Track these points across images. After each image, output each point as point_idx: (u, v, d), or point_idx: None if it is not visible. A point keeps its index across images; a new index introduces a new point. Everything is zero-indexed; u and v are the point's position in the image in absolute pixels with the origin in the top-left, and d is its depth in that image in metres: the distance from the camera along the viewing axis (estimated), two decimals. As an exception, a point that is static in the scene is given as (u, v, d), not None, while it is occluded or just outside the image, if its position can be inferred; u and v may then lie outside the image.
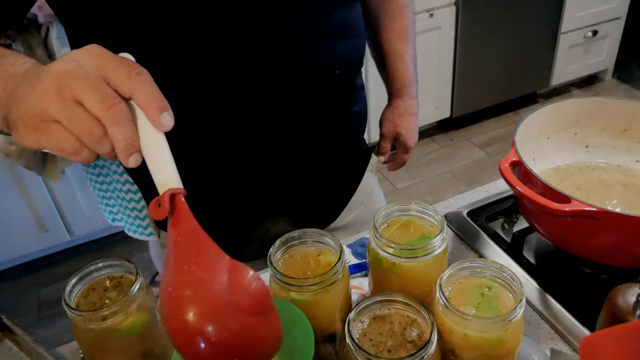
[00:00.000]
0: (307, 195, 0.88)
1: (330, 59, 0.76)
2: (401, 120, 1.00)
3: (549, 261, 0.81)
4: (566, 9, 2.75)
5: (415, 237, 0.65)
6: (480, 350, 0.55)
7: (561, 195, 0.66)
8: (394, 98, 1.01)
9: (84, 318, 0.58)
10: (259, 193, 0.83)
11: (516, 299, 0.56)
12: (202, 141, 0.77)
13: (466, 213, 0.90)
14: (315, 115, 0.80)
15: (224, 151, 0.78)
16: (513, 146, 0.75)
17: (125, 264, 0.64)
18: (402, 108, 1.00)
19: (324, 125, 0.82)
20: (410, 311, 0.56)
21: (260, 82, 0.72)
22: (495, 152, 2.77)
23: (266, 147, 0.79)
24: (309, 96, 0.77)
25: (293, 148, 0.81)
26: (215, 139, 0.77)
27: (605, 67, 3.17)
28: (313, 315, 0.57)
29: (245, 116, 0.75)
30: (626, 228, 0.65)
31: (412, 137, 1.02)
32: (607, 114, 0.86)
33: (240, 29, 0.68)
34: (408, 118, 1.00)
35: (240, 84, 0.71)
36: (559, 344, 0.70)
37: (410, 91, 0.99)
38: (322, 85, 0.78)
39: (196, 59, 0.69)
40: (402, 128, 1.00)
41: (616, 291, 0.61)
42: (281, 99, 0.75)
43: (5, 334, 0.70)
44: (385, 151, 1.03)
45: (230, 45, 0.68)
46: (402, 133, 1.01)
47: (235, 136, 0.76)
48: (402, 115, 1.00)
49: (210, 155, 0.79)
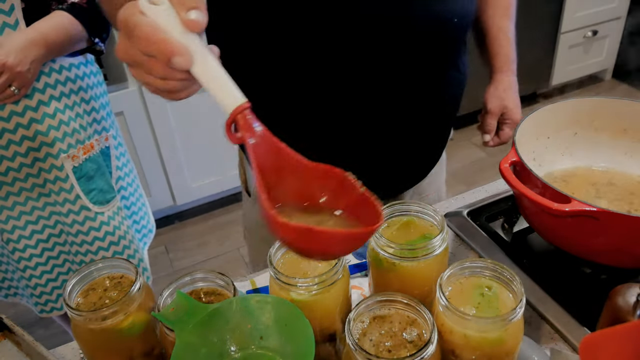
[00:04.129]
0: (399, 154, 0.89)
1: (450, 7, 0.77)
2: (507, 95, 1.00)
3: (549, 261, 0.81)
4: (566, 9, 2.75)
5: (415, 237, 0.65)
6: (480, 350, 0.55)
7: (561, 195, 0.66)
8: (497, 74, 1.01)
9: (84, 318, 0.58)
10: (352, 144, 0.85)
11: (516, 299, 0.56)
12: (315, 93, 0.79)
13: (466, 213, 0.90)
14: (424, 72, 0.81)
15: (325, 100, 0.80)
16: (513, 146, 0.75)
17: (125, 264, 0.64)
18: (507, 83, 1.00)
19: (430, 85, 0.83)
20: (410, 311, 0.56)
21: (375, 34, 0.74)
22: (495, 152, 2.76)
23: (368, 103, 0.80)
24: (426, 46, 0.78)
25: (396, 105, 0.82)
26: (319, 89, 0.79)
27: (605, 67, 3.17)
28: (313, 315, 0.57)
29: (353, 72, 0.76)
30: (626, 228, 0.65)
31: (518, 112, 1.01)
32: (607, 114, 0.86)
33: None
34: (512, 93, 1.01)
35: (354, 37, 0.73)
36: (559, 344, 0.70)
37: (513, 67, 1.01)
38: (438, 37, 0.78)
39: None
40: (510, 102, 0.99)
41: (616, 291, 0.61)
42: (395, 52, 0.76)
43: (5, 334, 0.70)
44: (491, 128, 1.01)
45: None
46: (509, 107, 0.99)
47: (342, 89, 0.78)
48: (507, 89, 1.00)
49: (315, 107, 0.80)
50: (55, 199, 1.19)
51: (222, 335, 0.58)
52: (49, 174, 1.17)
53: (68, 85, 1.16)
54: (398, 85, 0.80)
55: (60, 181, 1.18)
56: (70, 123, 1.16)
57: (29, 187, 1.17)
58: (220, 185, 2.37)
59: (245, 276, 0.85)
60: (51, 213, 1.21)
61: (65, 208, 1.20)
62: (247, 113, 0.49)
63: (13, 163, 1.13)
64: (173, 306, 0.58)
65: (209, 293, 0.63)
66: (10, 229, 1.20)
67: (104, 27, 1.18)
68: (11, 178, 1.15)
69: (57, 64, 1.13)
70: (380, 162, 0.88)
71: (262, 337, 0.59)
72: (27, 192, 1.18)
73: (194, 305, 0.58)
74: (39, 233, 1.22)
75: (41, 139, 1.13)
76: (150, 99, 2.05)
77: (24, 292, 1.35)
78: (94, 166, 1.22)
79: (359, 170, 0.84)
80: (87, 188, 1.21)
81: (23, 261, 1.24)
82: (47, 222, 1.22)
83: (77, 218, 1.22)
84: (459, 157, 2.74)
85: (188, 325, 0.56)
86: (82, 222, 1.22)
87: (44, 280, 1.28)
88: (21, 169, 1.15)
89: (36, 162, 1.15)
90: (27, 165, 1.15)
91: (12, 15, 1.04)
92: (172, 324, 0.56)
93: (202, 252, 2.27)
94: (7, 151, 1.12)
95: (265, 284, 0.80)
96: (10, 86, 1.04)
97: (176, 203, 2.32)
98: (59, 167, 1.17)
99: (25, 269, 1.25)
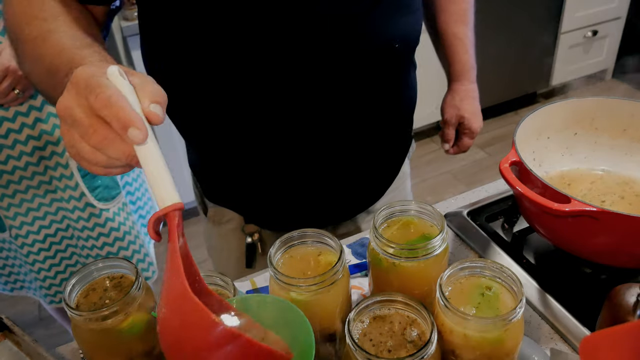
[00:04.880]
0: (353, 176, 0.87)
1: (390, 32, 0.75)
2: (463, 104, 0.99)
3: (549, 261, 0.81)
4: (566, 9, 2.75)
5: (415, 237, 0.65)
6: (480, 350, 0.55)
7: (561, 195, 0.66)
8: (454, 82, 0.99)
9: (84, 318, 0.58)
10: (303, 169, 0.83)
11: (516, 299, 0.56)
12: (253, 112, 0.76)
13: (466, 213, 0.90)
14: (371, 91, 0.79)
15: (273, 125, 0.77)
16: (513, 146, 0.75)
17: (125, 264, 0.64)
18: (463, 92, 0.99)
19: (379, 103, 0.81)
20: (410, 311, 0.56)
21: (318, 55, 0.71)
22: (495, 152, 2.77)
23: (317, 124, 0.78)
24: (366, 70, 0.76)
25: (345, 125, 0.79)
26: (266, 112, 0.76)
27: (605, 67, 3.17)
28: (313, 315, 0.57)
29: (300, 93, 0.74)
30: (626, 228, 0.65)
31: (476, 120, 1.00)
32: (607, 114, 0.86)
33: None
34: (470, 101, 0.99)
35: (299, 58, 0.71)
36: (559, 344, 0.70)
37: (471, 75, 0.99)
38: (380, 59, 0.76)
39: (249, 21, 0.69)
40: (466, 112, 0.99)
41: (616, 291, 0.61)
42: (339, 73, 0.74)
43: (5, 334, 0.70)
44: (449, 138, 1.01)
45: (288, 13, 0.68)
46: (466, 117, 0.99)
47: (289, 111, 0.76)
48: (463, 99, 0.99)
49: (259, 128, 0.78)
50: (62, 195, 1.22)
51: (222, 335, 0.58)
52: (55, 172, 1.19)
53: None
54: (347, 103, 0.77)
55: (65, 179, 1.20)
56: None
57: (35, 185, 1.19)
58: (220, 185, 2.37)
59: (245, 276, 0.85)
60: (58, 209, 1.23)
61: (71, 205, 1.23)
62: (180, 214, 0.48)
63: (19, 162, 1.15)
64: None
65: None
66: (19, 225, 1.22)
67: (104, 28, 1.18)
68: (18, 176, 1.17)
69: None
70: (335, 183, 0.85)
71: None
72: (34, 190, 1.20)
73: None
74: (46, 228, 1.25)
75: (46, 138, 1.15)
76: (150, 99, 2.04)
77: (30, 285, 1.38)
78: None
79: (312, 192, 0.84)
80: (91, 185, 1.23)
81: (32, 255, 1.27)
82: (54, 217, 1.24)
83: (82, 215, 1.24)
84: (459, 157, 2.74)
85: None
86: (87, 218, 1.25)
87: (53, 272, 1.31)
88: (27, 167, 1.16)
89: (42, 161, 1.17)
90: (34, 164, 1.16)
91: None
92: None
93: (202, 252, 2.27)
94: (13, 150, 1.14)
95: (265, 284, 0.80)
96: (14, 89, 1.05)
97: (176, 203, 2.32)
98: (64, 165, 1.19)
99: (34, 262, 1.28)
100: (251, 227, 0.93)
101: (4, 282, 1.40)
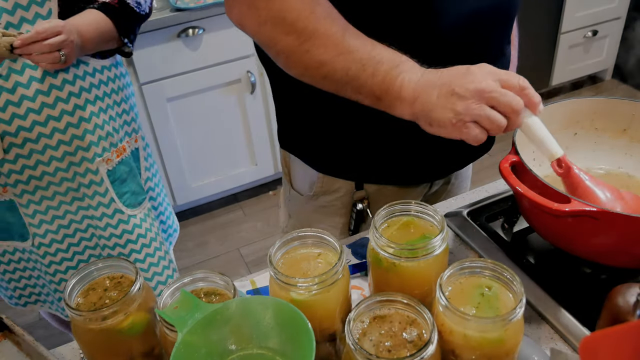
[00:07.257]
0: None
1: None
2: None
3: (549, 261, 0.81)
4: (566, 9, 2.75)
5: (415, 237, 0.65)
6: (480, 350, 0.55)
7: (561, 195, 0.66)
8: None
9: (84, 318, 0.58)
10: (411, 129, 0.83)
11: (516, 299, 0.56)
12: None
13: (466, 213, 0.90)
14: (486, 52, 0.83)
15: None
16: (513, 146, 0.75)
17: (125, 263, 0.64)
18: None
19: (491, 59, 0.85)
20: (410, 311, 0.56)
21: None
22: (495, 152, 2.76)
23: None
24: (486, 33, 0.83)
25: None
26: None
27: (605, 67, 3.16)
28: (313, 315, 0.57)
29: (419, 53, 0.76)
30: (626, 228, 0.65)
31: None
32: (607, 114, 0.86)
33: None
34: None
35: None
36: (559, 344, 0.70)
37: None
38: (502, 22, 0.85)
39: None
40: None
41: (616, 291, 0.61)
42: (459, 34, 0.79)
43: (5, 334, 0.70)
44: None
45: None
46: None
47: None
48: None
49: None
50: (89, 202, 1.19)
51: (222, 335, 0.58)
52: (84, 178, 1.17)
53: (102, 88, 1.16)
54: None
55: (95, 185, 1.18)
56: (104, 126, 1.16)
57: (63, 192, 1.17)
58: (220, 185, 2.37)
59: (245, 276, 0.85)
60: (83, 217, 1.21)
61: (99, 212, 1.20)
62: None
63: (49, 167, 1.13)
64: (177, 304, 0.58)
65: (209, 293, 0.63)
66: (43, 233, 1.20)
67: (132, 29, 1.18)
68: (46, 182, 1.15)
69: (90, 66, 1.13)
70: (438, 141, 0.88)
71: (263, 338, 0.59)
72: (61, 197, 1.17)
73: (197, 304, 0.58)
74: (70, 237, 1.22)
75: (77, 143, 1.14)
76: (150, 98, 2.04)
77: (47, 299, 1.35)
78: (126, 169, 1.23)
79: (419, 147, 0.87)
80: (120, 191, 1.21)
81: (53, 265, 1.24)
82: (79, 225, 1.22)
83: (110, 222, 1.22)
84: (459, 157, 2.74)
85: (190, 324, 0.56)
86: (115, 225, 1.22)
87: None
88: (56, 173, 1.15)
89: (71, 167, 1.15)
90: (63, 169, 1.15)
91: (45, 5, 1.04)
92: (174, 321, 0.56)
93: (202, 252, 2.27)
94: (43, 156, 1.12)
95: (265, 284, 0.80)
96: (60, 50, 1.02)
97: (176, 203, 2.32)
98: (94, 171, 1.17)
99: (55, 273, 1.25)
100: (361, 194, 0.96)
101: (18, 296, 1.36)
